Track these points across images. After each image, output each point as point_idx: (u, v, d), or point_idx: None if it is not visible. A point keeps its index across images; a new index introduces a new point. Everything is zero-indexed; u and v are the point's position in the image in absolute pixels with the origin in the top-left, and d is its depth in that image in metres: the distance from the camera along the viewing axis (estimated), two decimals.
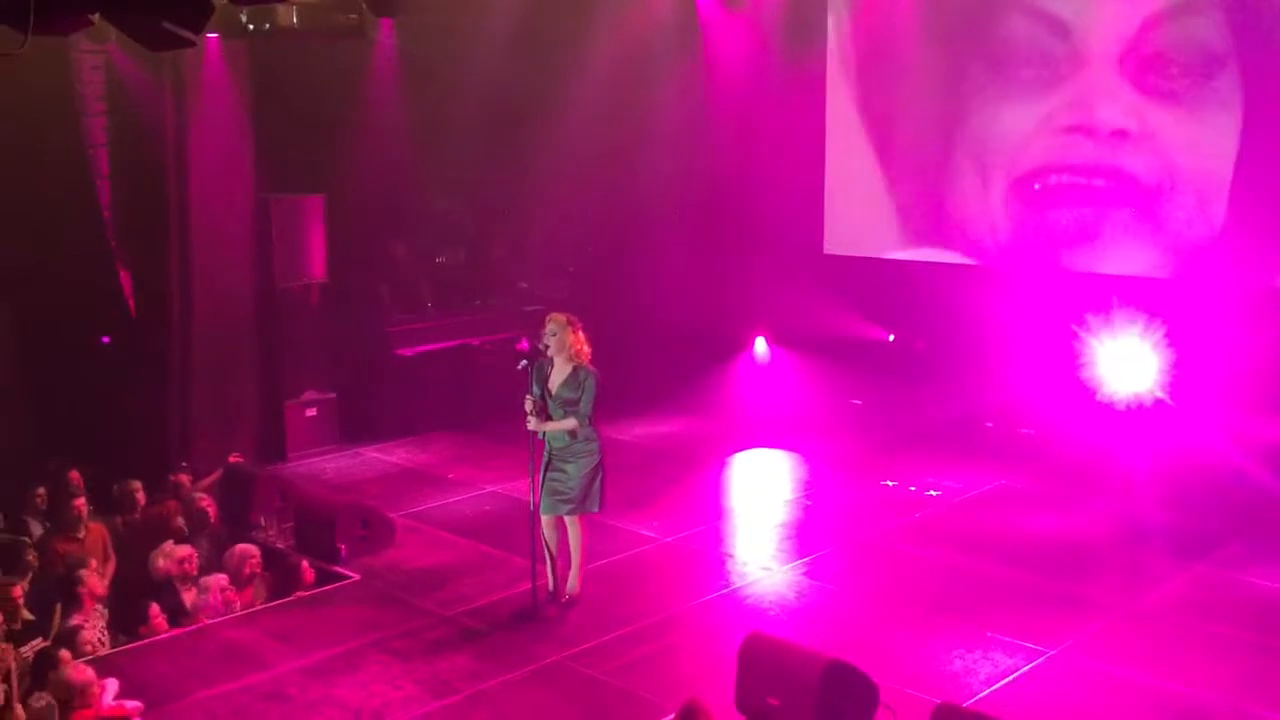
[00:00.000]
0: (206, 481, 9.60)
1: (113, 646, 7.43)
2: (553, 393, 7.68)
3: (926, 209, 12.54)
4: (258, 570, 8.14)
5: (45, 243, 10.17)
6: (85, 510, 8.52)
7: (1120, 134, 11.07)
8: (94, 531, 8.49)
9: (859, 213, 13.09)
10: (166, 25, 4.84)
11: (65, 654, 6.47)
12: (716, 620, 7.77)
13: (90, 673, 6.37)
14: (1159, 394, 10.59)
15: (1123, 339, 10.85)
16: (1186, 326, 10.52)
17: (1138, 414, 10.67)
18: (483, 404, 12.05)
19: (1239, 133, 10.44)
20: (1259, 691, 6.69)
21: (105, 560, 8.43)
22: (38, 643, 6.97)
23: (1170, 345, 10.60)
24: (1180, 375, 10.52)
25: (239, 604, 7.89)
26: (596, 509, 7.84)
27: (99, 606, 7.56)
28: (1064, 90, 11.37)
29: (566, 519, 7.83)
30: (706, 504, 10.05)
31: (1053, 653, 7.15)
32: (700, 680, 6.83)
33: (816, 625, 7.65)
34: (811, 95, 13.13)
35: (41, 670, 6.34)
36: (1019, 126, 11.73)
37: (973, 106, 12.09)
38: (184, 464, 9.93)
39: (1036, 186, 11.67)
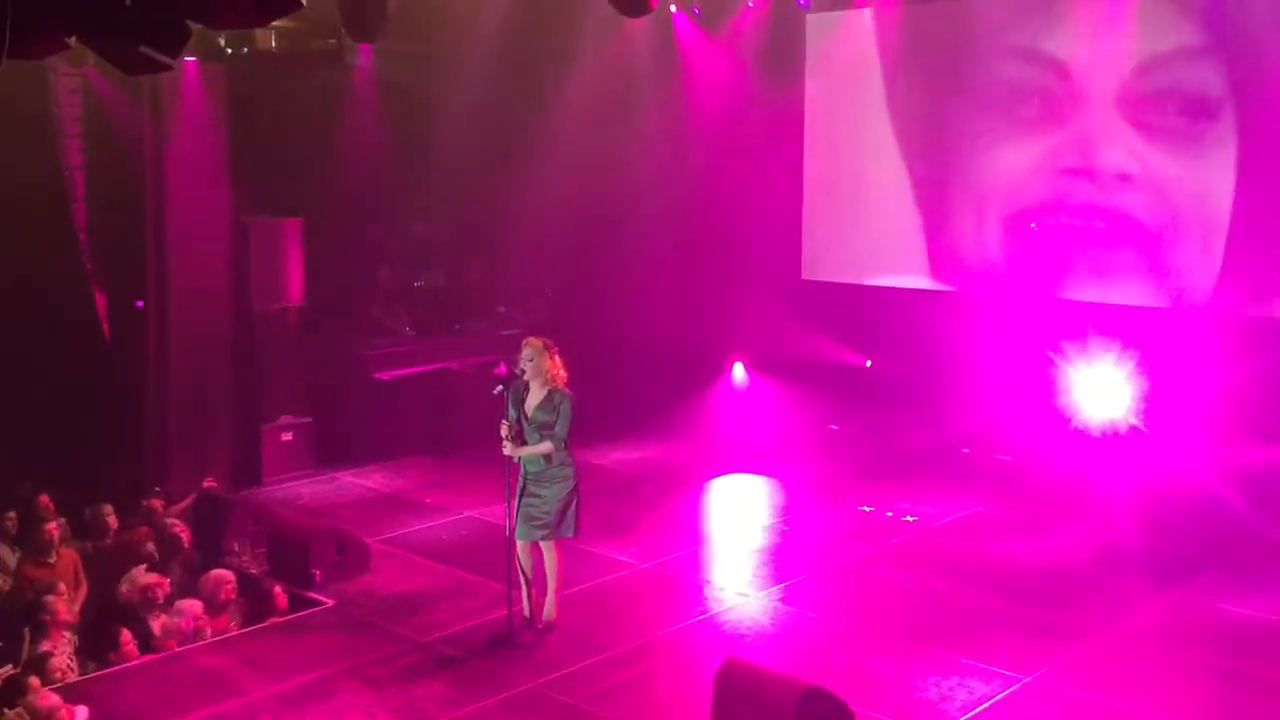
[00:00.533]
0: (179, 507, 9.53)
1: (83, 673, 7.35)
2: (529, 416, 7.66)
3: (903, 235, 12.60)
4: (232, 596, 8.07)
5: (19, 265, 10.11)
6: (58, 535, 8.44)
7: (1110, 172, 11.19)
8: (65, 557, 8.41)
9: (837, 239, 13.16)
10: (143, 49, 4.83)
11: (34, 681, 6.40)
12: (693, 646, 7.74)
13: (57, 699, 6.29)
14: (1134, 421, 10.65)
15: (1099, 366, 10.90)
16: (1161, 354, 10.59)
17: (1114, 441, 10.71)
18: (460, 428, 12.00)
19: (1235, 170, 10.51)
20: (1233, 718, 6.71)
21: (76, 586, 8.34)
22: (7, 670, 6.89)
23: (1145, 372, 10.67)
24: (1156, 402, 10.58)
25: (210, 631, 7.81)
26: (572, 534, 7.82)
27: (67, 633, 7.48)
28: (1051, 124, 11.49)
29: (542, 544, 7.80)
30: (684, 529, 10.02)
31: (1028, 679, 7.14)
32: (676, 707, 6.83)
33: (793, 651, 7.63)
34: (790, 121, 13.21)
35: (9, 697, 6.26)
36: (1008, 159, 11.81)
37: (951, 132, 12.19)
38: (157, 489, 9.84)
39: (1034, 225, 11.74)
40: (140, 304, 10.78)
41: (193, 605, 7.77)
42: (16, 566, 8.39)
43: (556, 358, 7.70)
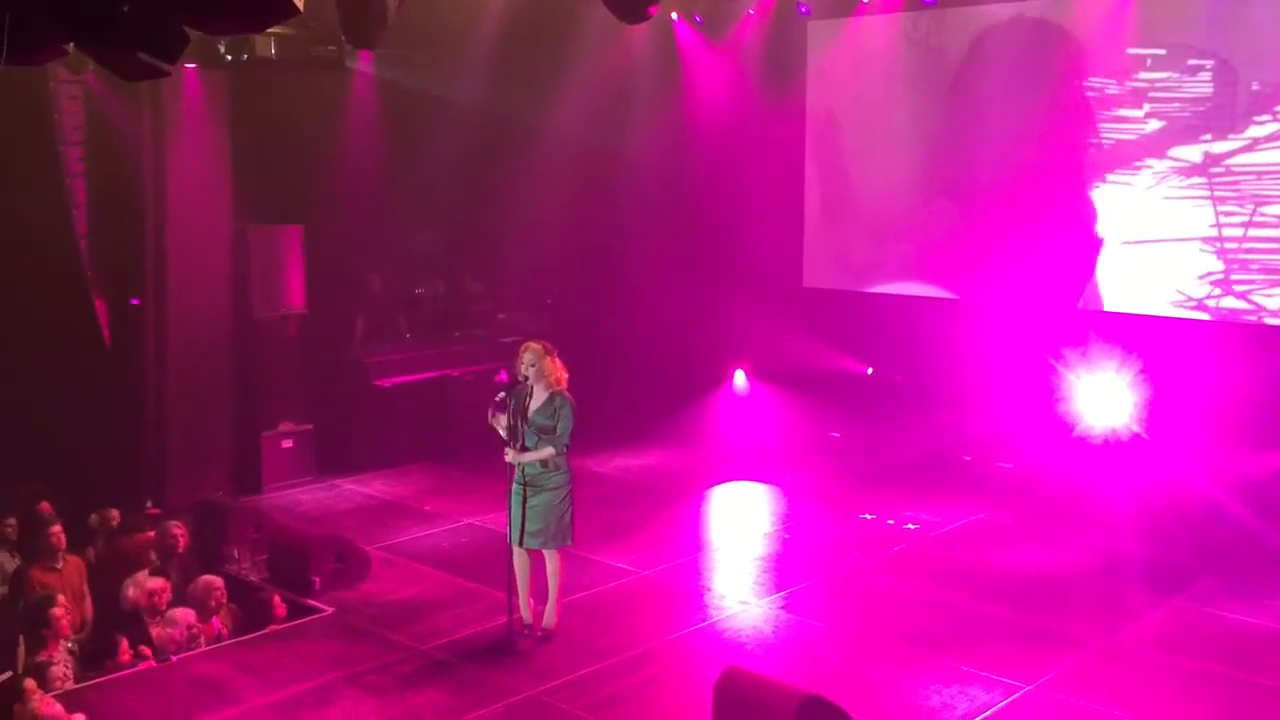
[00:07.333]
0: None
1: (80, 681, 7.31)
2: (529, 419, 7.62)
3: (905, 243, 12.59)
4: (222, 601, 8.01)
5: (20, 271, 10.10)
6: (63, 540, 8.40)
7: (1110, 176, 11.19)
8: (71, 564, 8.37)
9: (838, 246, 13.15)
10: (141, 56, 4.82)
11: (30, 683, 6.37)
12: (694, 654, 7.71)
13: (59, 708, 6.28)
14: (1136, 429, 10.63)
15: (1100, 373, 10.89)
16: (1163, 361, 10.57)
17: (1116, 449, 10.69)
18: (461, 436, 11.98)
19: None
20: None
21: (80, 593, 8.30)
22: (5, 676, 6.86)
23: (1147, 380, 10.65)
24: (1157, 410, 10.56)
25: (204, 639, 7.77)
26: (568, 543, 7.78)
27: (65, 641, 7.45)
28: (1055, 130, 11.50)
29: (545, 552, 7.77)
30: (685, 537, 10.00)
31: (1029, 688, 7.11)
32: (676, 715, 6.81)
33: (793, 659, 7.61)
34: (792, 128, 13.21)
35: (6, 702, 6.24)
36: (1009, 165, 11.80)
37: (951, 140, 12.17)
38: (149, 502, 9.81)
39: (1019, 223, 11.75)
40: (136, 302, 10.74)
41: (185, 614, 7.71)
42: (17, 571, 8.35)
43: (556, 359, 7.68)
